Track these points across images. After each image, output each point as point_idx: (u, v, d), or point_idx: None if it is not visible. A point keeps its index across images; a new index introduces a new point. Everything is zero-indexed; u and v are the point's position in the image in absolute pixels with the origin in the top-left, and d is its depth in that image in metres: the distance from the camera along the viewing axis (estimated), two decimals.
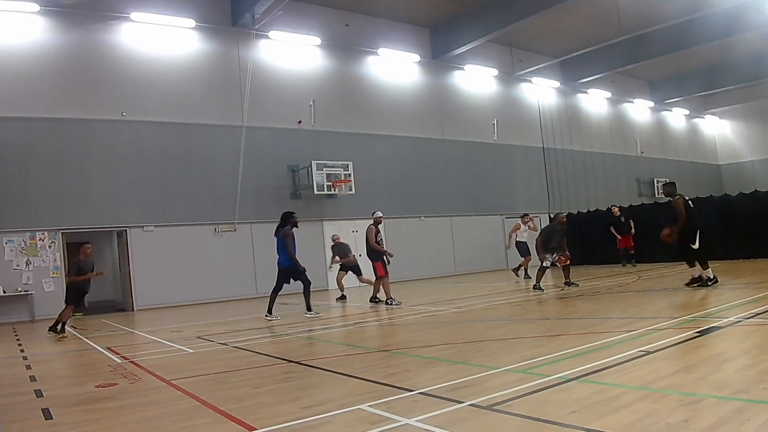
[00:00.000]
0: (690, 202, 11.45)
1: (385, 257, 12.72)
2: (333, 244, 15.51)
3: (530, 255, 16.88)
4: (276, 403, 4.77)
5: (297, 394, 5.07)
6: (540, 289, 12.83)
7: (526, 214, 18.25)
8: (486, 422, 3.83)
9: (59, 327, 10.82)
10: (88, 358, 8.28)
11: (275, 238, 11.65)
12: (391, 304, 12.50)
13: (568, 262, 13.37)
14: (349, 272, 15.06)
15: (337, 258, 15.16)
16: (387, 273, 12.77)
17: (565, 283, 13.37)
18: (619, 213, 19.66)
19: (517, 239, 17.53)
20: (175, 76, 18.04)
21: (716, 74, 31.57)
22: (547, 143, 27.65)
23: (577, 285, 13.30)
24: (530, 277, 16.71)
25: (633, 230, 19.23)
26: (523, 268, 17.66)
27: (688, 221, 10.72)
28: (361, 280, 14.95)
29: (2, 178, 15.30)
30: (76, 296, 11.02)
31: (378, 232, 12.86)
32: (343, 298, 14.91)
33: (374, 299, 13.19)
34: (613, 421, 3.57)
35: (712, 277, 10.69)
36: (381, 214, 13.29)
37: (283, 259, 11.50)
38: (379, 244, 12.75)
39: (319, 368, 6.10)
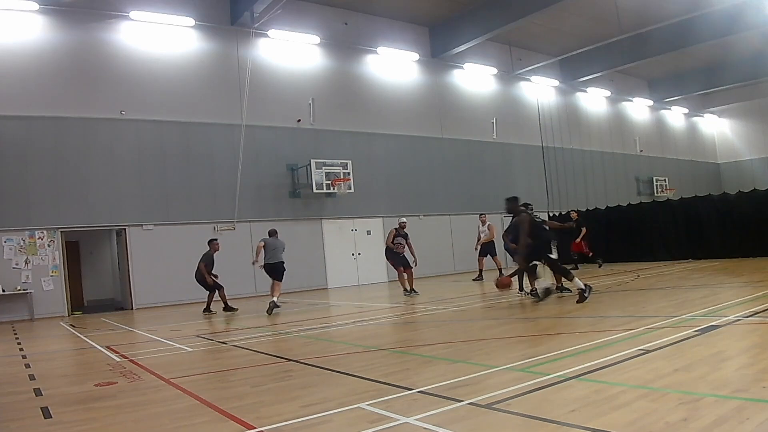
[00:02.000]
0: (537, 217, 11.08)
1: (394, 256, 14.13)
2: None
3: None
4: (275, 402, 4.77)
5: (296, 392, 5.06)
6: (527, 293, 11.38)
7: (483, 214, 17.94)
8: (485, 421, 3.83)
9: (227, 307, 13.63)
10: (87, 356, 8.28)
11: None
12: (407, 294, 13.99)
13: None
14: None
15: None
16: (400, 268, 14.10)
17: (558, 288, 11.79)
18: (576, 217, 19.25)
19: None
20: (175, 74, 18.03)
21: (715, 73, 31.58)
22: (546, 142, 27.65)
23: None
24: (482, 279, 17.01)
25: (579, 237, 18.68)
26: (498, 268, 16.89)
27: (530, 242, 10.13)
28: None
29: (1, 176, 15.28)
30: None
31: (397, 235, 14.06)
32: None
33: (406, 292, 14.15)
34: (612, 419, 3.57)
35: (553, 287, 10.25)
36: (404, 221, 14.52)
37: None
38: (394, 246, 14.00)
39: (318, 367, 6.11)
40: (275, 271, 12.94)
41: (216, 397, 5.05)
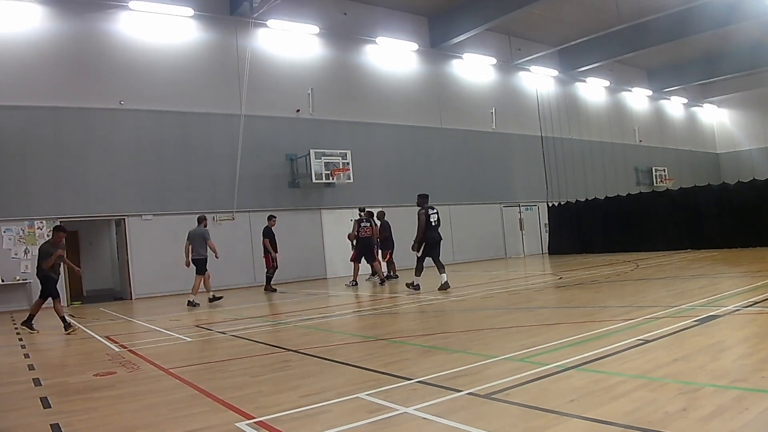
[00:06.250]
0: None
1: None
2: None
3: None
4: (274, 392, 4.77)
5: (295, 382, 5.07)
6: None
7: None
8: (484, 411, 3.83)
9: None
10: (86, 346, 8.28)
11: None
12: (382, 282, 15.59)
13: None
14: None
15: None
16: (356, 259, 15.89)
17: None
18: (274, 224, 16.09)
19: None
20: (174, 64, 17.93)
21: (715, 63, 31.49)
22: (545, 132, 27.61)
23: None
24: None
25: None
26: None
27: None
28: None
29: (1, 166, 15.23)
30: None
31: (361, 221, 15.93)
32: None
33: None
34: (611, 409, 3.58)
35: None
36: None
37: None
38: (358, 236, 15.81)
39: (317, 357, 6.11)
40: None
41: (215, 387, 5.06)
